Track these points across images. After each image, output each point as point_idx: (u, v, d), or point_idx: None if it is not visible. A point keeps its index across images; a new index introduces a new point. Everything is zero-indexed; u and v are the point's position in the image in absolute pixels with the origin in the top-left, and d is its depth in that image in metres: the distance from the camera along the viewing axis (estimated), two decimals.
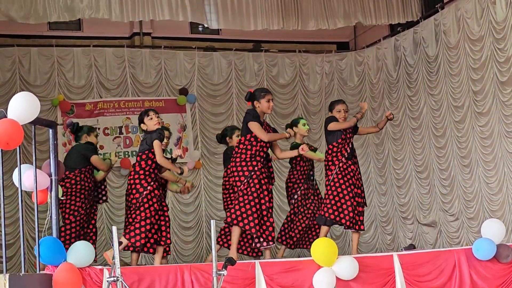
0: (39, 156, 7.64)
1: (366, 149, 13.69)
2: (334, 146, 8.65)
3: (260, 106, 8.21)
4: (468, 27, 10.95)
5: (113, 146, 12.75)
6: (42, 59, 12.63)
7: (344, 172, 8.59)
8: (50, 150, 6.83)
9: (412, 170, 12.51)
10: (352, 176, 8.63)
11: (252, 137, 8.10)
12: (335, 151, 8.64)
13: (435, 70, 11.77)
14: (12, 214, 11.47)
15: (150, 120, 8.17)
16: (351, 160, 8.73)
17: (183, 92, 13.21)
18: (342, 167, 8.60)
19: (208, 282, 6.87)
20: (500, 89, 10.37)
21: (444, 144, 11.68)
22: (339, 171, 8.58)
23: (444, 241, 11.67)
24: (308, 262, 7.31)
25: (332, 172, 8.59)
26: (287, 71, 13.88)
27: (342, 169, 8.59)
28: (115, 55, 13.04)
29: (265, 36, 13.34)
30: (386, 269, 7.48)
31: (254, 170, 8.00)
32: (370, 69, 13.66)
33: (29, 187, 6.69)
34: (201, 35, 13.62)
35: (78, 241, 7.12)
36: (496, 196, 10.56)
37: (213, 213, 13.02)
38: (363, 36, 14.26)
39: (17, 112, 6.13)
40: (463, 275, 7.66)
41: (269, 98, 8.25)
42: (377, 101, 13.41)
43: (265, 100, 8.19)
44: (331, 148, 8.66)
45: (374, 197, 13.53)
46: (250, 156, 8.05)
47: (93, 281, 6.63)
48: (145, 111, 8.26)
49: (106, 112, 12.84)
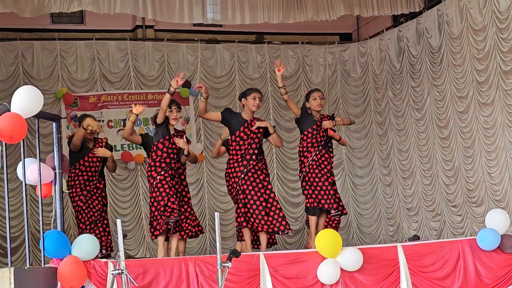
0: (43, 148, 7.67)
1: (370, 140, 13.68)
2: (305, 135, 8.93)
3: (246, 103, 8.57)
4: (471, 17, 10.92)
5: (117, 138, 12.76)
6: (45, 52, 12.63)
7: (320, 161, 8.83)
8: (54, 144, 6.84)
9: (416, 161, 12.50)
10: (327, 164, 8.86)
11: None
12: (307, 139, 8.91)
13: (438, 60, 11.75)
14: (16, 207, 11.50)
15: (169, 113, 8.43)
16: (325, 149, 8.92)
17: (186, 84, 13.20)
18: (317, 155, 8.83)
19: (212, 274, 6.88)
20: (503, 79, 10.35)
21: (447, 134, 11.67)
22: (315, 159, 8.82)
23: (448, 232, 11.67)
24: (313, 253, 7.33)
25: (308, 160, 8.83)
26: (290, 62, 13.86)
27: (317, 157, 8.83)
28: (118, 48, 13.05)
29: (268, 28, 13.31)
30: (390, 260, 7.48)
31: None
32: (373, 60, 13.63)
33: (33, 181, 6.70)
34: (204, 28, 13.60)
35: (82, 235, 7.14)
36: (499, 186, 10.56)
37: (216, 205, 13.04)
38: (366, 27, 14.22)
39: (20, 106, 6.14)
40: (468, 265, 7.67)
41: (255, 96, 8.56)
42: (380, 92, 13.40)
43: (251, 97, 8.55)
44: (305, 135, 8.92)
45: (379, 188, 13.53)
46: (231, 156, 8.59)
47: (98, 274, 6.65)
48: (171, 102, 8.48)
49: (110, 104, 12.86)
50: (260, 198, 8.32)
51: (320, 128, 8.91)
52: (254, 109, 8.55)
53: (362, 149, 13.76)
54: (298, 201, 13.23)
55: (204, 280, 6.94)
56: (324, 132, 8.93)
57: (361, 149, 13.75)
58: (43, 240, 6.47)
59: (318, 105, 8.93)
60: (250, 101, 8.52)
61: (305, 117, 8.99)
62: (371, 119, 13.66)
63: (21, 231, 11.67)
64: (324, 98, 9.22)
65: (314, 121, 8.93)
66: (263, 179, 8.44)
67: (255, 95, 8.56)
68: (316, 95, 9.01)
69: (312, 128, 8.90)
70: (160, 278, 6.85)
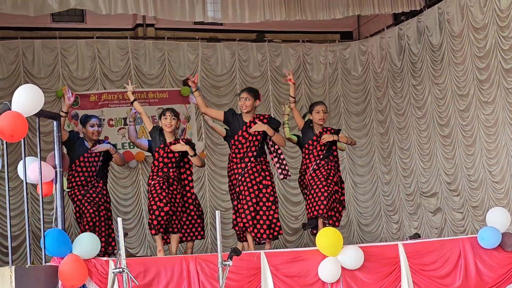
0: (44, 147, 7.65)
1: (371, 139, 13.68)
2: (306, 148, 9.06)
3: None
4: (472, 15, 10.92)
5: (117, 137, 12.76)
6: (46, 51, 12.63)
7: (319, 171, 8.87)
8: (55, 142, 6.84)
9: (417, 159, 12.50)
10: (327, 174, 8.86)
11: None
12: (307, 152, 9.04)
13: (439, 59, 11.74)
14: (17, 206, 11.50)
15: (164, 120, 8.46)
16: (325, 160, 8.95)
17: (186, 83, 13.20)
18: (317, 165, 8.90)
19: (213, 273, 6.88)
20: (504, 77, 10.35)
21: (449, 133, 11.67)
22: (313, 169, 8.90)
23: (449, 230, 11.67)
24: (314, 252, 7.33)
25: (308, 171, 8.93)
26: (291, 61, 13.85)
27: (316, 168, 8.89)
28: (118, 46, 13.04)
29: (269, 26, 13.30)
30: (391, 258, 7.49)
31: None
32: (374, 58, 13.63)
33: (34, 179, 6.71)
34: (204, 26, 13.59)
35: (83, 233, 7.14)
36: (500, 184, 10.55)
37: (218, 203, 13.04)
38: (366, 26, 14.22)
39: (21, 104, 6.14)
40: (468, 263, 7.67)
41: (241, 97, 8.69)
42: (381, 90, 13.39)
43: (239, 99, 8.74)
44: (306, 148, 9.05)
45: (379, 187, 13.53)
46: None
47: (99, 272, 6.65)
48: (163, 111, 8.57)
49: (111, 103, 12.86)
50: (252, 200, 8.34)
51: (318, 142, 8.95)
52: (244, 110, 8.65)
53: (363, 148, 13.76)
54: (298, 200, 13.23)
55: (205, 278, 6.95)
56: (323, 146, 8.95)
57: (362, 148, 13.75)
58: (44, 238, 6.47)
59: (320, 119, 9.01)
60: (239, 103, 8.71)
61: (306, 131, 9.12)
62: (372, 117, 13.66)
63: (22, 229, 11.68)
64: (327, 112, 9.27)
65: (314, 134, 9.03)
66: (260, 181, 8.43)
67: (241, 96, 8.70)
68: (319, 108, 9.06)
69: (312, 140, 9.00)
70: (161, 277, 6.85)
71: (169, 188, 8.26)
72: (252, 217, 8.31)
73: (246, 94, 8.65)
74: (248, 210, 8.31)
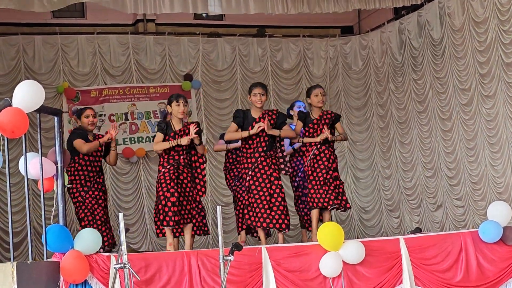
0: (45, 143, 7.66)
1: (371, 133, 13.68)
2: (306, 130, 8.94)
3: (251, 100, 8.60)
4: (473, 9, 10.91)
5: (119, 132, 12.74)
6: (46, 47, 12.63)
7: (318, 157, 8.81)
8: (56, 138, 6.84)
9: (418, 154, 12.50)
10: (327, 159, 8.82)
11: None
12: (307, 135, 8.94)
13: (440, 53, 11.74)
14: (19, 202, 11.52)
15: (177, 106, 8.17)
16: (325, 145, 8.87)
17: (187, 78, 13.21)
18: (315, 152, 8.83)
19: (215, 268, 6.89)
20: (505, 71, 10.35)
21: (450, 127, 11.66)
22: (313, 156, 8.82)
23: (450, 224, 11.68)
24: (315, 246, 7.33)
25: (307, 158, 8.86)
26: (291, 56, 13.85)
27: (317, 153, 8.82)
28: (119, 42, 13.05)
29: (269, 21, 13.30)
30: (392, 253, 7.48)
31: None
32: (374, 52, 13.62)
33: (35, 175, 6.71)
34: (205, 21, 13.58)
35: (85, 229, 7.14)
36: (501, 178, 10.56)
37: (219, 198, 13.05)
38: (367, 20, 14.20)
39: (22, 100, 6.14)
40: (470, 258, 7.66)
41: (256, 92, 8.49)
42: (382, 85, 13.39)
43: (253, 94, 8.54)
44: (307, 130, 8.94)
45: (379, 181, 13.53)
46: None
47: (100, 268, 6.65)
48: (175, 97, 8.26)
49: (112, 98, 12.87)
50: (265, 193, 8.31)
51: (319, 126, 8.87)
52: (258, 105, 8.52)
53: (363, 142, 13.75)
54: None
55: (206, 273, 6.95)
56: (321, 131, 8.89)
57: (363, 142, 13.75)
58: (46, 234, 6.47)
59: (319, 101, 8.93)
60: (253, 98, 8.50)
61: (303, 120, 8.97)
62: (372, 112, 13.65)
63: (23, 225, 11.70)
64: (325, 94, 9.19)
65: (312, 119, 8.91)
66: (270, 174, 8.39)
67: (256, 92, 8.49)
68: (317, 91, 8.98)
69: (308, 126, 8.88)
70: (162, 272, 6.86)
71: (178, 178, 8.10)
72: (267, 208, 8.28)
73: (261, 90, 8.51)
74: (262, 203, 8.29)
